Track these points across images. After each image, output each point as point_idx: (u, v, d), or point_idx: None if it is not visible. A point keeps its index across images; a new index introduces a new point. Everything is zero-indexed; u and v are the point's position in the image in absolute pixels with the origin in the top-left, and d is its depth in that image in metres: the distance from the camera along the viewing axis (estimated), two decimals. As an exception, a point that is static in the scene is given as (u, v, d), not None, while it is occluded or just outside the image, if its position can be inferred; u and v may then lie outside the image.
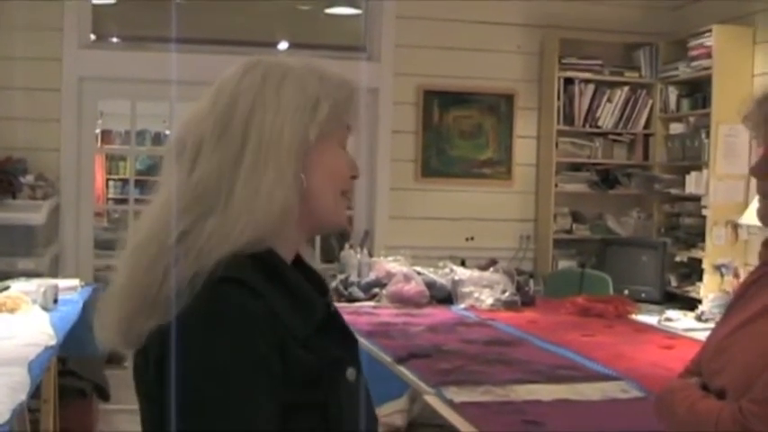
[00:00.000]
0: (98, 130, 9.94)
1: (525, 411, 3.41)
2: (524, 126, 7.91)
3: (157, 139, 12.77)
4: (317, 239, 7.07)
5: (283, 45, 7.83)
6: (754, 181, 6.15)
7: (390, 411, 4.76)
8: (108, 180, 13.56)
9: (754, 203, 2.15)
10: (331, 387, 1.70)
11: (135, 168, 9.36)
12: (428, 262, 6.46)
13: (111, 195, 13.47)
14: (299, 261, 1.84)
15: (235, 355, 1.58)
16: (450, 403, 3.52)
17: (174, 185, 1.71)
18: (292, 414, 1.64)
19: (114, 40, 7.69)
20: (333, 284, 6.09)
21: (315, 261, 1.94)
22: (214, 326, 1.59)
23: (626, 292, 6.77)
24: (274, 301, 1.65)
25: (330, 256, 7.15)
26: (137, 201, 7.86)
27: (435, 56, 7.68)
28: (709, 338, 2.32)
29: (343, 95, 1.79)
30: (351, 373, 1.75)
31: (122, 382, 6.50)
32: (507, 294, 5.92)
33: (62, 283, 5.62)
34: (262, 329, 1.61)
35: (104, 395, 6.32)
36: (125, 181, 12.95)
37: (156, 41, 7.35)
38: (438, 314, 5.60)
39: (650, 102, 7.83)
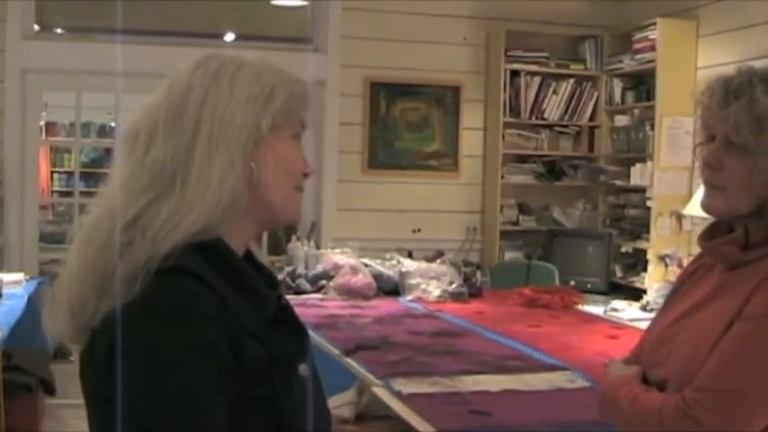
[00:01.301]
0: (42, 122, 9.84)
1: (473, 402, 3.43)
2: (471, 118, 7.94)
3: (102, 131, 12.66)
4: (264, 232, 7.04)
5: (230, 36, 7.80)
6: (697, 172, 6.20)
7: (338, 404, 4.75)
8: (53, 173, 13.44)
9: (699, 194, 2.17)
10: (283, 382, 1.70)
11: (80, 161, 9.30)
12: (375, 254, 6.46)
13: (55, 188, 13.36)
14: (248, 256, 1.84)
15: (185, 346, 1.58)
16: (398, 395, 3.53)
17: (129, 168, 1.72)
18: (242, 408, 1.64)
19: (58, 31, 7.62)
20: (280, 277, 6.07)
21: (262, 254, 1.94)
22: (164, 317, 1.59)
23: (572, 282, 6.82)
24: (226, 293, 1.65)
25: (277, 248, 7.12)
26: (82, 193, 7.80)
27: (382, 48, 7.68)
28: (649, 329, 2.34)
29: (299, 90, 1.81)
30: (303, 368, 1.76)
31: (68, 376, 6.46)
32: (454, 286, 5.93)
33: (6, 276, 5.57)
34: (212, 321, 1.61)
35: (50, 390, 6.27)
36: (70, 173, 12.81)
37: (101, 32, 7.29)
38: (385, 306, 5.61)
39: (595, 94, 7.89)
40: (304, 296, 5.86)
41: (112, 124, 10.85)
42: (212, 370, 1.60)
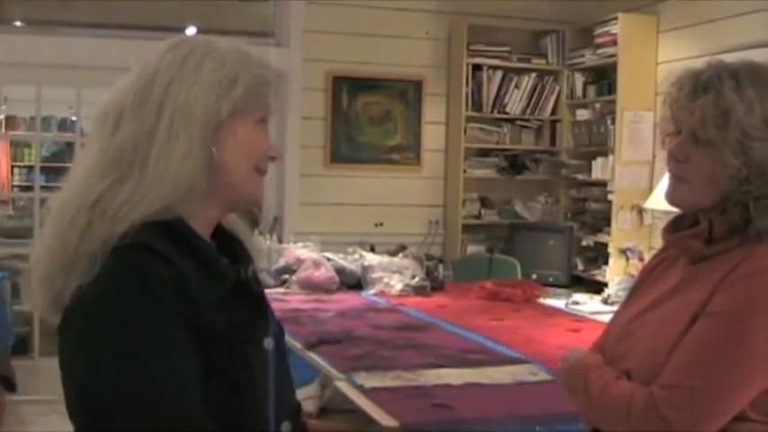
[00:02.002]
0: (2, 116, 9.77)
1: (435, 395, 3.44)
2: (433, 112, 7.95)
3: (63, 124, 12.57)
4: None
5: (192, 30, 7.76)
6: (658, 166, 6.20)
7: (301, 398, 4.75)
8: (13, 167, 13.31)
9: (660, 188, 2.19)
10: (243, 354, 1.76)
11: (41, 155, 9.20)
12: (337, 248, 6.46)
13: (16, 183, 13.23)
14: (222, 232, 1.92)
15: (146, 316, 1.64)
16: (361, 389, 3.53)
17: (97, 150, 1.78)
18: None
19: (18, 23, 7.55)
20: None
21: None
22: (123, 288, 1.65)
23: (534, 276, 6.85)
24: (182, 265, 1.70)
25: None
26: (43, 188, 7.72)
27: (344, 42, 7.67)
28: (612, 322, 2.36)
29: (265, 76, 1.86)
30: (268, 342, 1.83)
31: (30, 372, 6.43)
32: (417, 279, 5.94)
33: (-34, 272, 5.52)
34: (170, 291, 1.66)
35: (11, 386, 6.22)
36: (30, 168, 12.71)
37: (62, 26, 7.23)
38: (348, 300, 5.61)
39: (557, 88, 7.92)
40: (266, 290, 5.83)
41: (73, 118, 10.74)
42: (175, 335, 1.66)
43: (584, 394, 2.20)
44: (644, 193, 6.62)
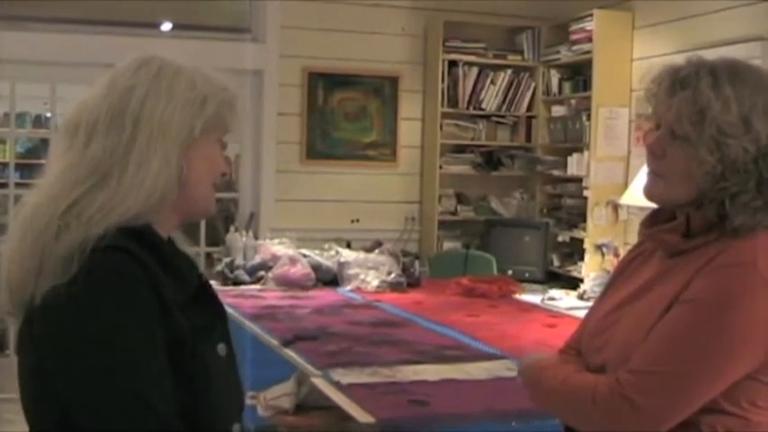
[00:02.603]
0: (-25, 113, 9.70)
1: (411, 391, 3.45)
2: (409, 108, 7.94)
3: (38, 121, 12.50)
4: (203, 222, 6.99)
5: (167, 26, 7.74)
6: (633, 163, 6.21)
7: (277, 394, 4.76)
8: (-14, 163, 13.25)
9: (635, 184, 2.20)
10: (201, 357, 1.83)
11: (15, 152, 9.14)
12: (313, 244, 6.46)
13: (-11, 179, 13.17)
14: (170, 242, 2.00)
15: (129, 309, 1.72)
16: (338, 385, 3.54)
17: (68, 159, 1.85)
18: None
19: (-8, 20, 7.50)
20: (218, 268, 6.07)
21: (200, 244, 2.07)
22: (106, 286, 1.72)
23: (510, 272, 6.85)
24: (152, 268, 1.78)
25: (215, 239, 7.10)
26: (17, 185, 7.67)
27: (320, 38, 7.66)
28: (588, 316, 2.37)
29: (227, 98, 1.97)
30: (222, 348, 1.92)
31: (4, 370, 6.40)
32: (393, 276, 5.95)
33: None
34: (146, 292, 1.74)
35: (-15, 383, 6.19)
36: (5, 164, 12.64)
37: (37, 21, 7.19)
38: (324, 296, 5.61)
39: (533, 85, 7.92)
40: (242, 287, 5.85)
41: (48, 114, 10.69)
42: (151, 331, 1.74)
43: (543, 392, 2.23)
44: (619, 188, 6.64)
